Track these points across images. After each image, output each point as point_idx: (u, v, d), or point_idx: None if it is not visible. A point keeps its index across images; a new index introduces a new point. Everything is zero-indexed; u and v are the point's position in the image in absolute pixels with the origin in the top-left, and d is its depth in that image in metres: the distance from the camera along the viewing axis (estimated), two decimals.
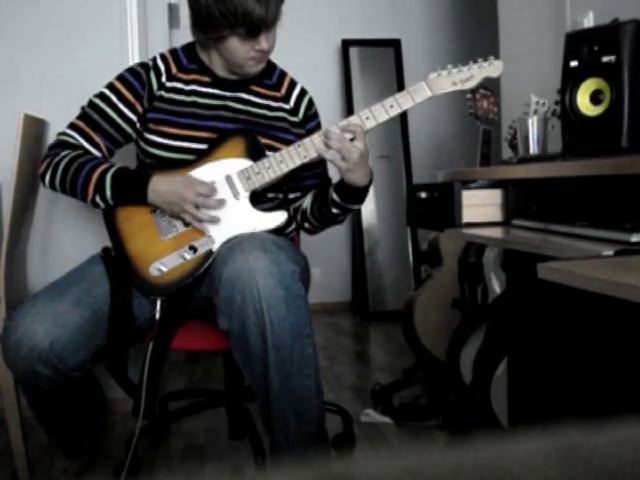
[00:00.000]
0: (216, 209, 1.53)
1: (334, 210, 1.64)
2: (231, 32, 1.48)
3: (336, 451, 1.89)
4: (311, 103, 1.73)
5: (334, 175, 1.66)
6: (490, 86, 1.94)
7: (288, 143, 1.61)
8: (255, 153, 1.56)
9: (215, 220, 1.52)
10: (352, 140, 1.49)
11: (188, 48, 1.66)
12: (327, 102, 4.10)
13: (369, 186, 1.60)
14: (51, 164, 1.58)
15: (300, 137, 1.65)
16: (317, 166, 1.69)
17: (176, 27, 3.08)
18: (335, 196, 1.61)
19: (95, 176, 1.53)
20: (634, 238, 1.14)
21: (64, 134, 1.62)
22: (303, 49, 4.08)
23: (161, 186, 1.51)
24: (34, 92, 2.22)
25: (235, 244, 1.44)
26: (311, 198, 1.70)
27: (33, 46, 2.24)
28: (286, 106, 1.68)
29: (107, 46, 2.24)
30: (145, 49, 2.33)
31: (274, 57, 1.75)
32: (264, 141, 1.60)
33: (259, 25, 1.47)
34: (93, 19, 2.26)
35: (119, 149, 1.67)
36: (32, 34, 2.23)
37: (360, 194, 1.60)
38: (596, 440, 0.28)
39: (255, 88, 1.66)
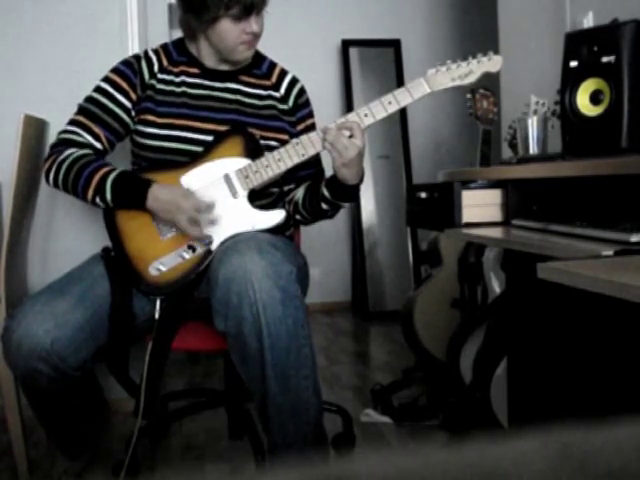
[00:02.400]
0: (207, 226, 1.53)
1: (323, 206, 1.64)
2: (225, 13, 1.50)
3: (336, 451, 1.89)
4: (302, 91, 1.73)
5: (329, 170, 1.66)
6: (490, 86, 1.94)
7: (278, 131, 1.63)
8: (253, 152, 1.57)
9: (205, 237, 1.52)
10: (350, 137, 1.49)
11: (178, 43, 1.69)
12: (327, 102, 4.10)
13: (359, 185, 1.60)
14: (55, 163, 1.58)
15: (291, 125, 1.67)
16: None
17: (176, 27, 3.08)
18: (326, 192, 1.61)
19: (96, 179, 1.53)
20: (634, 238, 1.14)
21: (65, 132, 1.63)
22: (303, 49, 4.09)
23: (160, 194, 1.52)
24: (34, 92, 2.22)
25: (231, 245, 1.44)
26: (303, 191, 1.70)
27: (33, 46, 2.24)
28: (276, 94, 1.69)
29: (107, 46, 2.24)
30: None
31: (274, 56, 1.75)
32: (254, 131, 1.60)
33: (251, 5, 1.49)
34: (93, 19, 2.26)
35: (120, 142, 1.67)
36: (32, 34, 2.23)
37: (350, 192, 1.60)
38: (596, 440, 0.28)
39: (244, 78, 1.67)
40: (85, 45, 2.25)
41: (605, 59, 1.50)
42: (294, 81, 1.72)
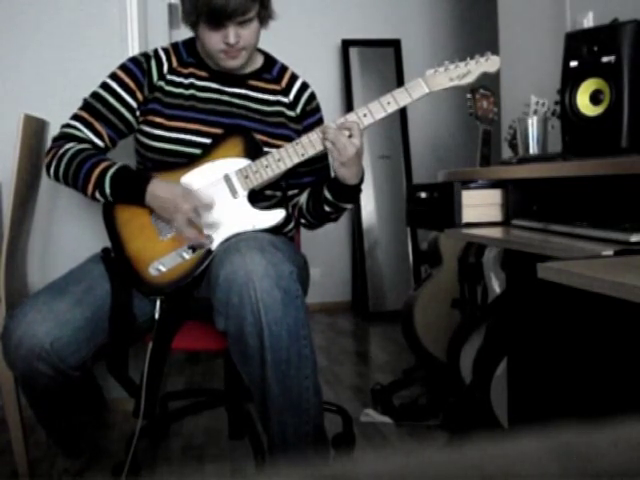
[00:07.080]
0: (205, 229, 1.52)
1: (326, 208, 1.64)
2: (197, 18, 1.50)
3: (336, 451, 1.89)
4: (312, 97, 1.72)
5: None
6: (490, 86, 1.94)
7: (283, 139, 1.62)
8: (253, 152, 1.57)
9: (200, 241, 1.51)
10: (349, 137, 1.49)
11: (188, 43, 1.68)
12: (327, 102, 4.07)
13: (360, 185, 1.60)
14: (55, 156, 1.59)
15: (297, 132, 1.66)
16: (316, 162, 1.69)
17: (176, 27, 3.08)
18: (327, 194, 1.61)
19: (95, 174, 1.54)
20: (634, 238, 1.14)
21: (68, 126, 1.63)
22: (303, 49, 4.08)
23: (159, 191, 1.52)
24: (34, 92, 2.22)
25: (232, 245, 1.44)
26: (306, 195, 1.71)
27: (33, 46, 2.24)
28: (285, 99, 1.68)
29: (107, 46, 2.24)
30: (145, 49, 2.33)
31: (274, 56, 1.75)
32: (259, 137, 1.60)
33: (219, 15, 1.47)
34: (93, 19, 2.26)
35: (122, 139, 1.67)
36: (32, 34, 2.23)
37: (352, 193, 1.60)
38: (595, 440, 0.28)
39: (253, 82, 1.66)
40: (85, 45, 2.25)
41: (605, 59, 1.50)
42: (304, 87, 1.71)
